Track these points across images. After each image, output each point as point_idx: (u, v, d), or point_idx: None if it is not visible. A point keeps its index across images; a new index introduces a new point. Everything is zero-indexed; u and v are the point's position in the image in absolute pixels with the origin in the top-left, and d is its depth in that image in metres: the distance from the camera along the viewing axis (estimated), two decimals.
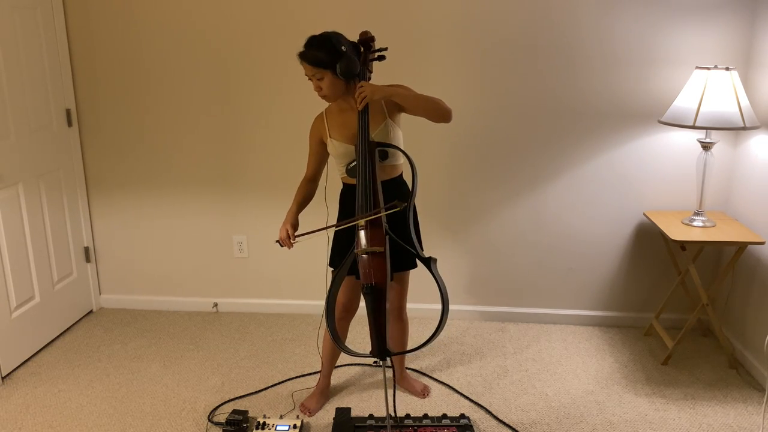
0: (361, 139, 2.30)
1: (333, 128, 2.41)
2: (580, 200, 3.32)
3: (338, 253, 2.48)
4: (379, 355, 2.27)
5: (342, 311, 2.58)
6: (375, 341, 2.26)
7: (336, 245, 2.51)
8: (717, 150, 3.05)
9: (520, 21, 3.11)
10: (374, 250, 2.26)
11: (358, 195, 2.30)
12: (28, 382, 2.93)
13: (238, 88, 3.33)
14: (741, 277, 3.09)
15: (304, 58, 2.29)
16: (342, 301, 2.55)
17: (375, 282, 2.24)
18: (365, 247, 2.27)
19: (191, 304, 3.67)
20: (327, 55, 2.26)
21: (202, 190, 3.49)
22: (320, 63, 2.26)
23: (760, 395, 2.79)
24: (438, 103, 2.34)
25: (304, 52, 2.28)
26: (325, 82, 2.30)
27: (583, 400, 2.79)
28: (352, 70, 2.28)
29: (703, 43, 3.05)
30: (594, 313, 3.47)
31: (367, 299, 2.24)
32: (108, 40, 3.33)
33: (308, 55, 2.27)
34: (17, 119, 3.01)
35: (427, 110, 2.34)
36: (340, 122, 2.40)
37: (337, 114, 2.42)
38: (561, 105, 3.20)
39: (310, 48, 2.28)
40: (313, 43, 2.29)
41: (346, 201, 2.51)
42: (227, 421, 2.53)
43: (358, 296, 2.58)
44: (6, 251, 2.95)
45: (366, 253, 2.27)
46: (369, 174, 2.30)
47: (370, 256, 2.26)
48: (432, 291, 3.23)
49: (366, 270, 2.26)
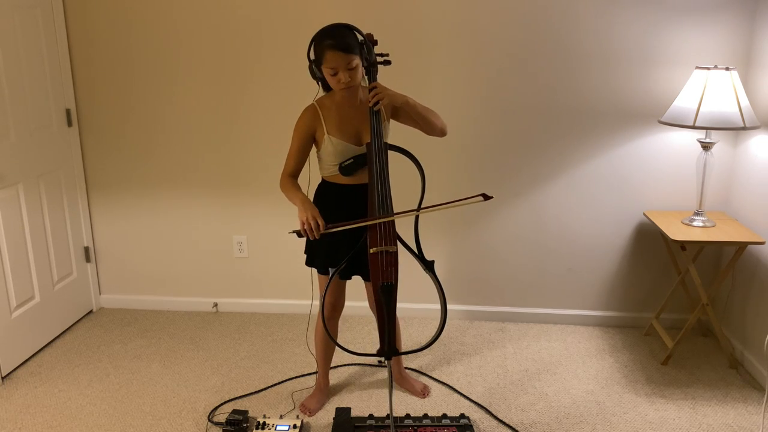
0: (375, 139, 2.28)
1: (331, 125, 2.33)
2: (580, 200, 3.32)
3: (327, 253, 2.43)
4: (388, 355, 2.27)
5: (330, 310, 2.58)
6: (385, 340, 2.26)
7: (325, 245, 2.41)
8: (717, 150, 3.05)
9: (519, 21, 3.11)
10: (389, 249, 2.26)
11: (376, 194, 2.27)
12: (28, 382, 2.93)
13: (238, 88, 3.33)
14: (741, 277, 3.09)
15: (337, 47, 2.16)
16: (330, 300, 2.55)
17: (393, 281, 2.25)
18: (381, 246, 2.26)
19: (191, 304, 3.67)
20: (354, 40, 2.21)
21: (203, 190, 3.49)
22: (353, 48, 2.19)
23: (760, 395, 2.79)
24: (438, 117, 2.38)
25: (337, 42, 2.17)
26: (357, 69, 2.22)
27: (583, 400, 2.79)
28: (373, 57, 2.29)
29: (703, 43, 3.05)
30: (594, 313, 3.47)
31: (383, 298, 2.24)
32: (108, 40, 3.33)
33: (342, 43, 2.17)
34: (17, 119, 3.01)
35: (428, 123, 2.36)
36: (338, 119, 2.34)
37: (333, 109, 2.35)
38: (561, 105, 3.20)
39: (339, 37, 2.18)
40: (338, 32, 2.20)
41: (326, 200, 2.43)
42: (227, 421, 2.53)
43: (343, 295, 2.60)
44: (6, 251, 2.95)
45: (381, 252, 2.26)
46: (384, 174, 2.28)
47: (386, 255, 2.26)
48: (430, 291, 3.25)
49: (385, 268, 2.25)
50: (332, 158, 2.36)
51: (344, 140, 2.34)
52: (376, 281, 2.26)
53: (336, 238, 2.32)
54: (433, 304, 3.45)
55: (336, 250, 2.39)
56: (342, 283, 2.56)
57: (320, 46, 2.21)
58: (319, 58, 2.23)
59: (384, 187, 2.28)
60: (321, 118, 2.34)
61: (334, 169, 2.38)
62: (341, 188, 2.40)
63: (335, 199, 2.41)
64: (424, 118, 2.35)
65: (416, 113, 2.33)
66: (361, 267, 2.44)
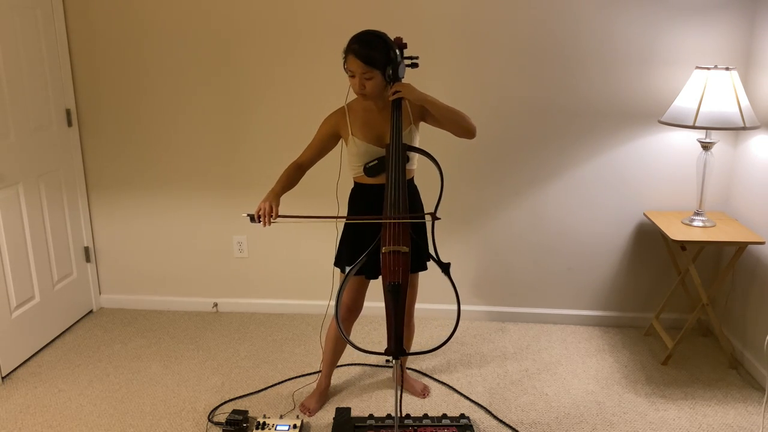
0: (394, 139, 2.29)
1: (356, 127, 2.38)
2: (580, 200, 3.32)
3: (348, 254, 2.46)
4: (395, 354, 2.27)
5: (345, 312, 2.56)
6: (392, 339, 2.26)
7: (347, 245, 2.48)
8: (717, 150, 3.05)
9: (519, 21, 3.11)
10: (401, 249, 2.26)
11: (390, 194, 2.28)
12: (28, 382, 2.93)
13: (238, 88, 3.33)
14: (741, 277, 3.09)
15: (358, 55, 2.20)
16: (346, 302, 2.53)
17: (400, 281, 2.24)
18: (393, 246, 2.26)
19: (191, 304, 3.67)
20: (382, 56, 2.23)
21: (203, 190, 3.49)
22: (374, 63, 2.22)
23: (760, 395, 2.79)
24: (465, 118, 2.34)
25: (359, 50, 2.21)
26: (373, 82, 2.25)
27: (583, 400, 2.79)
28: (400, 75, 2.29)
29: (703, 43, 3.05)
30: (594, 313, 3.47)
31: (391, 297, 2.24)
32: (108, 40, 3.33)
33: (363, 54, 2.20)
34: (17, 119, 3.01)
35: (453, 123, 2.33)
36: (364, 122, 2.38)
37: (360, 113, 2.39)
38: (561, 105, 3.20)
39: (365, 46, 2.21)
40: (368, 42, 2.22)
41: (357, 201, 2.49)
42: (227, 421, 2.53)
43: (362, 296, 2.57)
44: (6, 251, 2.95)
45: (392, 251, 2.26)
46: (400, 174, 2.29)
47: (396, 255, 2.26)
48: (434, 291, 3.25)
49: (393, 268, 2.25)
50: (357, 159, 2.40)
51: (367, 141, 2.37)
52: (384, 280, 2.27)
53: (362, 238, 2.36)
54: (435, 305, 3.45)
55: (362, 249, 2.39)
56: (364, 284, 2.54)
57: (347, 47, 2.26)
58: (344, 57, 2.28)
59: (398, 186, 2.29)
60: (347, 119, 2.39)
61: (359, 170, 2.42)
62: (368, 189, 2.43)
63: (365, 200, 2.44)
64: (448, 118, 2.33)
65: (439, 112, 2.32)
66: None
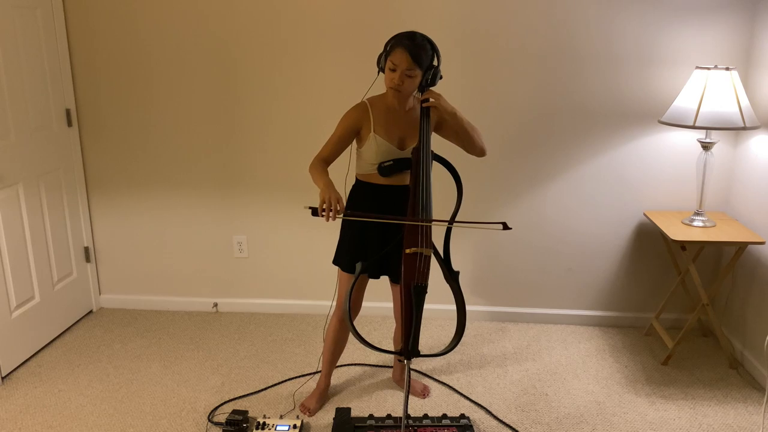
0: (424, 144, 2.30)
1: (378, 124, 2.38)
2: (580, 200, 3.32)
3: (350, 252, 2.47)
4: (409, 355, 2.27)
5: (345, 311, 2.56)
6: (408, 341, 2.26)
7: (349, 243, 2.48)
8: (717, 150, 3.05)
9: (519, 21, 3.11)
10: (425, 252, 2.27)
11: (419, 196, 2.29)
12: (28, 382, 2.93)
13: (239, 88, 3.33)
14: (741, 277, 3.09)
15: (408, 50, 2.23)
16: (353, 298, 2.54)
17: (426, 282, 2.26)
18: (419, 248, 2.27)
19: (191, 304, 3.67)
20: (428, 59, 2.27)
21: (203, 190, 3.49)
22: (421, 63, 2.25)
23: (760, 395, 2.79)
24: (481, 137, 2.41)
25: (411, 46, 2.23)
26: (412, 80, 2.28)
27: (583, 400, 2.79)
28: (436, 82, 2.33)
29: (703, 43, 3.05)
30: (594, 313, 3.47)
31: (414, 299, 2.25)
32: (108, 40, 3.33)
33: (414, 51, 2.23)
34: (17, 119, 3.01)
35: (470, 140, 2.39)
36: (386, 120, 2.39)
37: (383, 111, 2.40)
38: (561, 105, 3.20)
39: (416, 45, 2.24)
40: (420, 42, 2.25)
41: (359, 199, 2.48)
42: (227, 421, 2.53)
43: (363, 295, 2.60)
44: (6, 251, 2.95)
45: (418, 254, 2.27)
46: (429, 177, 2.31)
47: (422, 257, 2.26)
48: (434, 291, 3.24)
49: (421, 270, 2.26)
50: (373, 157, 2.39)
51: (387, 141, 2.37)
52: (409, 281, 2.26)
53: (366, 236, 2.37)
54: (437, 305, 3.45)
55: (365, 247, 2.42)
56: (366, 283, 2.57)
57: (397, 39, 2.28)
58: (390, 49, 2.28)
59: (427, 190, 2.31)
60: (370, 115, 2.39)
61: (372, 168, 2.40)
62: (376, 188, 2.43)
63: (369, 198, 2.44)
64: (467, 134, 2.38)
65: (461, 128, 2.36)
66: (390, 267, 2.47)
